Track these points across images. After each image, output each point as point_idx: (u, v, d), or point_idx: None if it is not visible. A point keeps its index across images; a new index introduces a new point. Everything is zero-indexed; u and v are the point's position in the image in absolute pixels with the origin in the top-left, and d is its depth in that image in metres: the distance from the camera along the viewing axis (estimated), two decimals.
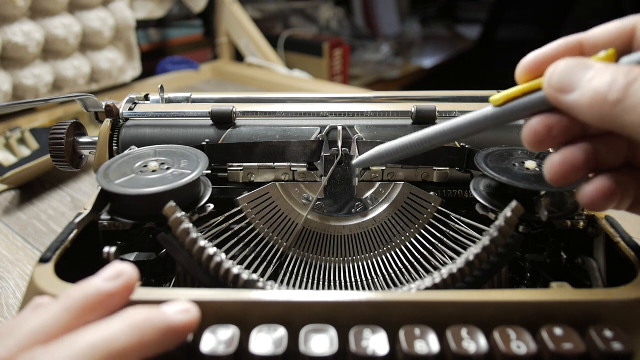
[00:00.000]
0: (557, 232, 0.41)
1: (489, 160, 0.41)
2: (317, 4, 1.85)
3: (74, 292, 0.29)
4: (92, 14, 0.99)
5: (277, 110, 0.50)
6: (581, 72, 0.28)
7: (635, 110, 0.26)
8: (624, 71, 0.27)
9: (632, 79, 0.26)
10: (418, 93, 0.56)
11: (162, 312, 0.29)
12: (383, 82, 1.83)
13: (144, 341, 0.27)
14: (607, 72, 0.27)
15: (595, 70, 0.28)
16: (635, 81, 0.26)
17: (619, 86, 0.26)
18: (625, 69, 0.27)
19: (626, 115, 0.26)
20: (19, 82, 0.90)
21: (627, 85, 0.26)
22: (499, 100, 0.32)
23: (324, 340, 0.29)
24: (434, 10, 2.58)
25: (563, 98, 0.29)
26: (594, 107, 0.27)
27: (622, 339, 0.29)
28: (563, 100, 0.29)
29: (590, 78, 0.28)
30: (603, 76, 0.27)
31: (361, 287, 0.43)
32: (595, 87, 0.27)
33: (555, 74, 0.29)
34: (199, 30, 1.41)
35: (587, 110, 0.28)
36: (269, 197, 0.46)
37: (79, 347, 0.26)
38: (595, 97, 0.27)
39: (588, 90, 0.28)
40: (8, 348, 0.26)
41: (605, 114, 0.27)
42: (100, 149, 0.49)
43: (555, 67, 0.30)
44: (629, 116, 0.26)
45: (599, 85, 0.27)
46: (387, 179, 0.47)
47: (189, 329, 0.29)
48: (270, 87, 1.22)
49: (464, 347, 0.29)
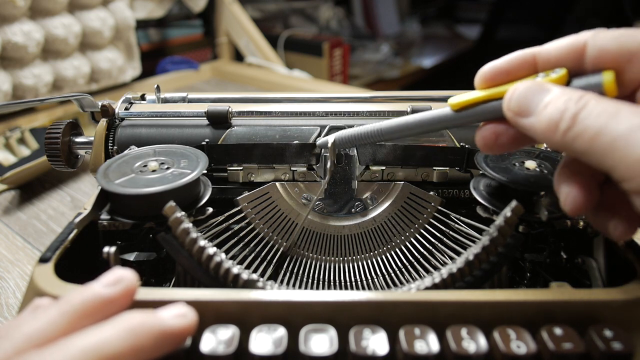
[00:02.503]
0: (557, 232, 0.41)
1: (489, 160, 0.41)
2: (317, 4, 1.85)
3: (73, 297, 0.29)
4: (92, 14, 0.99)
5: (274, 110, 0.50)
6: (538, 97, 0.30)
7: (582, 136, 0.27)
8: (575, 98, 0.28)
9: (581, 106, 0.27)
10: (417, 93, 0.56)
11: (158, 317, 0.29)
12: (383, 82, 1.83)
13: (138, 346, 0.27)
14: (561, 99, 0.29)
15: (551, 96, 0.29)
16: (584, 108, 0.27)
17: (570, 114, 0.28)
18: (577, 95, 0.28)
19: (575, 142, 0.27)
20: (19, 82, 0.90)
21: (576, 113, 0.27)
22: (457, 105, 0.34)
23: (324, 340, 0.29)
24: (434, 10, 2.58)
25: (520, 121, 0.31)
26: (548, 133, 0.29)
27: (622, 339, 0.29)
28: (520, 123, 0.31)
29: (545, 104, 0.29)
30: (557, 103, 0.29)
31: (361, 287, 0.43)
32: (549, 114, 0.29)
33: (514, 98, 0.31)
34: (199, 30, 1.41)
35: (542, 135, 0.29)
36: (269, 197, 0.46)
37: (72, 351, 0.26)
38: (549, 124, 0.29)
39: (543, 117, 0.29)
40: (4, 350, 0.26)
41: (557, 141, 0.28)
42: (96, 149, 0.49)
43: (514, 90, 0.31)
44: (577, 142, 0.27)
45: (552, 113, 0.28)
46: (387, 179, 0.47)
47: (186, 333, 0.29)
48: (270, 87, 1.22)
49: (464, 347, 0.29)
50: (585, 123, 0.27)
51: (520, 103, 0.30)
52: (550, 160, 0.41)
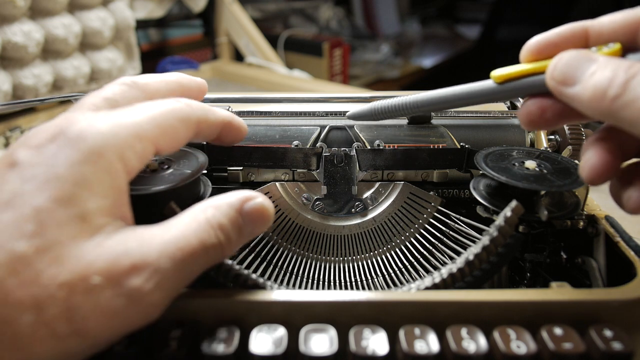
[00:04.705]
0: (557, 232, 0.41)
1: (489, 160, 0.41)
2: (317, 4, 1.84)
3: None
4: (92, 14, 0.99)
5: (274, 110, 0.50)
6: (584, 66, 0.29)
7: (633, 105, 0.26)
8: (624, 67, 0.27)
9: (632, 74, 0.27)
10: (417, 93, 0.56)
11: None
12: (383, 82, 1.83)
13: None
14: (609, 67, 0.28)
15: (597, 65, 0.28)
16: (634, 77, 0.26)
17: (619, 82, 0.27)
18: (627, 64, 0.27)
19: (624, 111, 0.27)
20: (19, 82, 0.90)
21: (626, 81, 0.27)
22: (500, 78, 0.33)
23: (324, 340, 0.29)
24: (434, 10, 2.58)
25: (565, 90, 0.29)
26: (594, 102, 0.28)
27: (622, 339, 0.29)
28: (564, 93, 0.30)
29: (592, 72, 0.28)
30: (604, 71, 0.28)
31: (361, 287, 0.43)
32: (596, 82, 0.28)
33: (558, 66, 0.30)
34: (199, 30, 1.41)
35: (587, 104, 0.28)
36: (269, 197, 0.46)
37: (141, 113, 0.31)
38: (595, 92, 0.28)
39: (589, 85, 0.28)
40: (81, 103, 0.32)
41: (604, 109, 0.27)
42: None
43: (559, 59, 0.30)
44: (626, 111, 0.27)
45: (599, 80, 0.28)
46: (387, 179, 0.47)
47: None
48: (271, 87, 1.22)
49: (464, 347, 0.29)
50: (638, 91, 0.26)
51: (565, 71, 0.29)
52: (550, 160, 0.41)
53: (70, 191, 0.27)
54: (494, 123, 0.48)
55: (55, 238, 0.26)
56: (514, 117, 0.48)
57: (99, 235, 0.27)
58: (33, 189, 0.26)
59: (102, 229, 0.27)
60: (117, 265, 0.26)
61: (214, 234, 0.30)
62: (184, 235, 0.28)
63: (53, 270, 0.25)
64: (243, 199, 0.32)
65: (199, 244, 0.29)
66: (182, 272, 0.28)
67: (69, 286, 0.25)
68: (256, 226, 0.32)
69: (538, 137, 0.47)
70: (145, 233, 0.28)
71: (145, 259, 0.27)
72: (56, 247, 0.26)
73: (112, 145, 0.29)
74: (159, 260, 0.27)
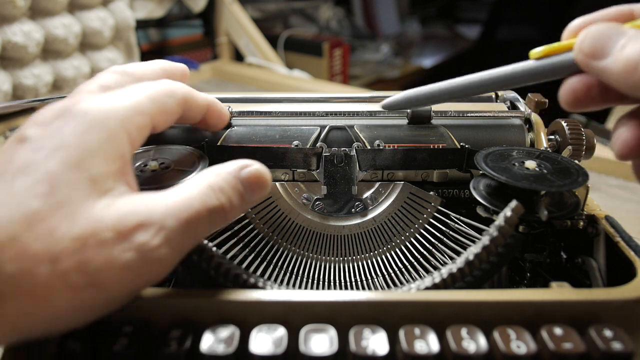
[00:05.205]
0: (557, 232, 0.41)
1: (489, 160, 0.41)
2: (317, 4, 1.85)
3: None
4: (92, 14, 0.99)
5: (274, 110, 0.50)
6: (614, 39, 0.28)
7: None
8: None
9: None
10: None
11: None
12: (383, 82, 1.83)
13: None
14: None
15: (628, 37, 0.28)
16: None
17: None
18: None
19: None
20: (19, 82, 0.90)
21: None
22: (539, 53, 0.32)
23: (324, 340, 0.29)
24: (434, 10, 2.58)
25: (594, 64, 0.29)
26: (626, 75, 0.27)
27: (622, 339, 0.29)
28: (594, 66, 0.29)
29: (623, 45, 0.27)
30: (636, 43, 0.27)
31: (361, 287, 0.43)
32: (628, 55, 0.27)
33: (587, 39, 0.29)
34: (199, 30, 1.41)
35: (618, 78, 0.28)
36: (269, 197, 0.46)
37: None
38: (628, 65, 0.27)
39: (620, 58, 0.27)
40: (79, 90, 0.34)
41: (636, 81, 0.27)
42: None
43: (587, 32, 0.29)
44: None
45: (631, 53, 0.27)
46: (387, 179, 0.47)
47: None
48: (271, 87, 1.22)
49: (464, 347, 0.29)
50: None
51: (594, 44, 0.29)
52: (551, 160, 0.41)
53: (79, 157, 0.29)
54: (494, 123, 0.48)
55: (68, 197, 0.27)
56: (514, 117, 0.48)
57: (108, 197, 0.29)
58: (43, 157, 0.28)
59: (110, 191, 0.29)
60: (125, 222, 0.28)
61: (216, 196, 0.31)
62: (187, 198, 0.30)
63: (66, 226, 0.27)
64: (241, 165, 0.33)
65: (202, 205, 0.30)
66: (187, 231, 0.29)
67: (81, 240, 0.27)
68: (255, 192, 0.34)
69: (538, 137, 0.47)
70: (150, 197, 0.30)
71: (151, 217, 0.28)
72: (68, 205, 0.27)
73: (115, 118, 0.31)
74: (164, 219, 0.28)
